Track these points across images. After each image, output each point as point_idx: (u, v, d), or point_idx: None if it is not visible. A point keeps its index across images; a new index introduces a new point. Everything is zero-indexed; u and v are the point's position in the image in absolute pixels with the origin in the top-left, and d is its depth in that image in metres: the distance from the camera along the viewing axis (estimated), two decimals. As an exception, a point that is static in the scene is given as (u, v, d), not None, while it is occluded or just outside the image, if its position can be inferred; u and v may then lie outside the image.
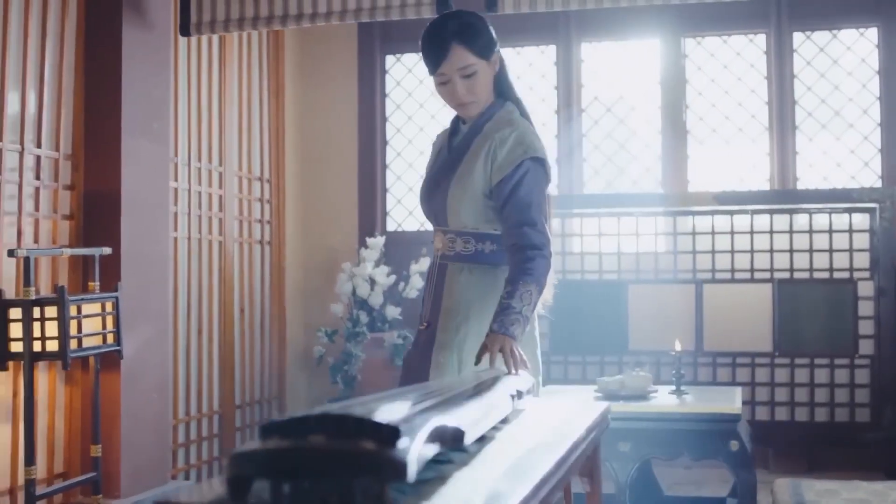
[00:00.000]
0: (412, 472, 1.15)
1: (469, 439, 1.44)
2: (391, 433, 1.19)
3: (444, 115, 6.65)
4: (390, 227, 6.67)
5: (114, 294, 4.08)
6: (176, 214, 5.21)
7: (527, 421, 1.96)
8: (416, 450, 1.20)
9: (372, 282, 6.00)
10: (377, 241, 6.11)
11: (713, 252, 5.75)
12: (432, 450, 1.30)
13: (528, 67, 6.56)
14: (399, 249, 6.37)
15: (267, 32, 6.27)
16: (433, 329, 2.67)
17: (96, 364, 4.13)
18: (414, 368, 2.68)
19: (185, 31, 4.69)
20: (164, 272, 4.72)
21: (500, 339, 2.37)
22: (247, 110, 6.03)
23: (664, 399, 4.08)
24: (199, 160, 5.48)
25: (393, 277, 6.06)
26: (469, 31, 2.61)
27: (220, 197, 5.69)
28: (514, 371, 2.27)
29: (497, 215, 2.64)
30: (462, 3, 4.59)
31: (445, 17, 2.66)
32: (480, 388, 1.76)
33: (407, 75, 6.70)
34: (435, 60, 2.61)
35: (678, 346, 4.33)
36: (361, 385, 5.84)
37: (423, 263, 6.06)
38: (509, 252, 2.58)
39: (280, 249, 6.37)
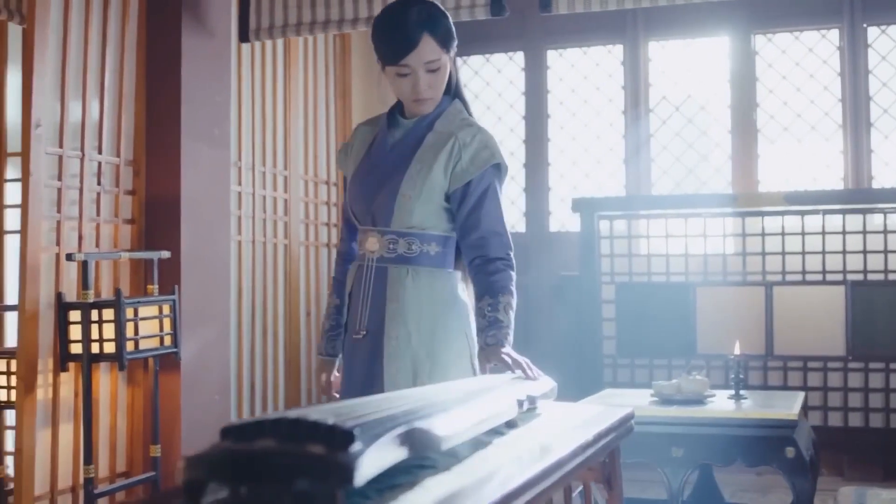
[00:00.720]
0: (361, 476, 1.14)
1: (446, 445, 1.42)
2: (344, 437, 1.18)
3: (511, 118, 6.63)
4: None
5: (171, 297, 4.15)
6: (240, 218, 5.28)
7: (535, 426, 1.93)
8: (371, 454, 1.19)
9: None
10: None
11: (783, 253, 5.61)
12: (398, 455, 1.29)
13: (595, 67, 6.49)
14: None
15: (333, 35, 6.32)
16: (376, 338, 2.48)
17: (155, 365, 4.21)
18: (359, 381, 2.50)
19: (244, 37, 4.76)
20: (225, 275, 4.78)
21: (498, 350, 2.32)
22: (312, 113, 6.08)
23: (720, 404, 3.99)
24: (264, 164, 5.54)
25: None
26: (438, 21, 2.41)
27: (286, 200, 5.75)
28: (531, 375, 2.23)
29: (449, 217, 2.50)
30: (515, 3, 4.59)
31: (409, 3, 2.39)
32: (475, 393, 1.74)
33: (474, 78, 6.69)
34: (399, 50, 2.37)
35: (737, 350, 4.24)
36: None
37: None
38: (476, 261, 2.47)
39: (347, 252, 6.40)
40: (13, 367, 3.93)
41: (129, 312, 3.90)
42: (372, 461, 1.19)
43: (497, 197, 2.49)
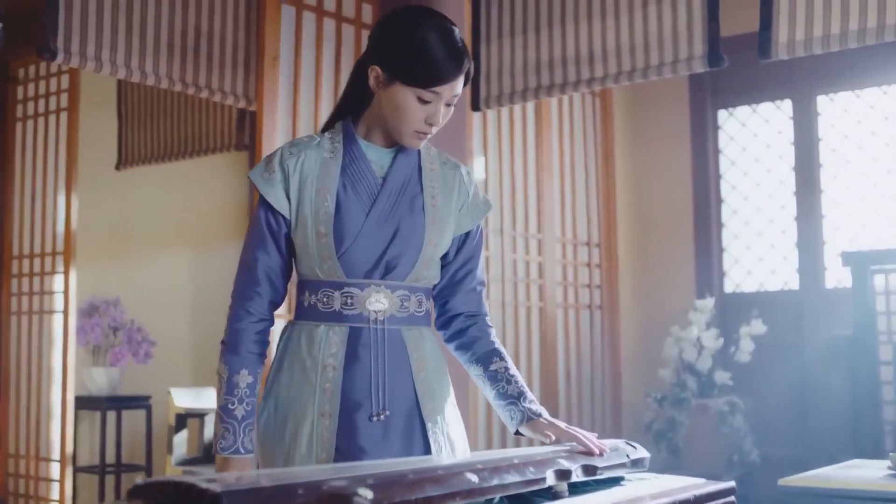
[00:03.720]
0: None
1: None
2: (213, 501, 1.21)
3: (781, 169, 6.30)
4: (727, 287, 6.40)
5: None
6: (488, 282, 5.39)
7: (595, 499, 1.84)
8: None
9: (700, 345, 5.79)
10: (706, 304, 5.89)
11: None
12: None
13: (870, 110, 6.06)
14: (732, 311, 6.10)
15: (592, 96, 6.34)
16: (407, 419, 2.10)
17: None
18: None
19: (475, 105, 4.90)
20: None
21: (545, 422, 2.08)
22: (569, 175, 6.11)
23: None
24: (514, 228, 5.63)
25: (721, 341, 5.80)
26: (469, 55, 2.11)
27: (539, 263, 5.80)
28: (590, 446, 1.96)
29: (437, 267, 2.19)
30: (734, 52, 4.39)
31: (454, 29, 2.06)
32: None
33: (741, 130, 6.44)
34: (440, 76, 2.01)
35: None
36: (684, 453, 5.62)
37: (755, 326, 5.75)
38: (463, 316, 2.22)
39: (614, 314, 6.33)
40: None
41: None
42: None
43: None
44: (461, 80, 2.05)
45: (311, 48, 4.47)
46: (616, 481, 2.05)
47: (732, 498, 2.02)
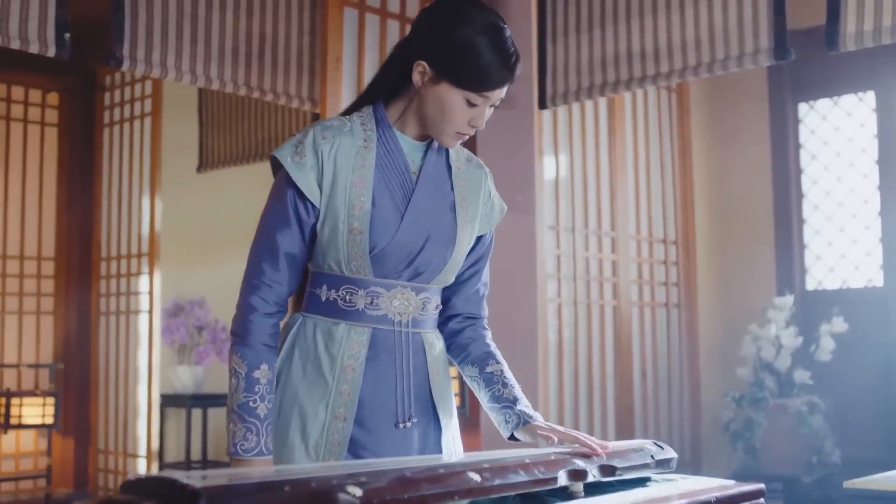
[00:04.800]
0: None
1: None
2: (191, 497, 1.25)
3: (864, 162, 6.14)
4: (809, 285, 6.25)
5: (459, 359, 4.32)
6: (559, 280, 5.37)
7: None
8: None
9: (778, 344, 5.67)
10: (785, 301, 5.77)
11: None
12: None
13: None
14: (814, 309, 5.97)
15: (668, 91, 6.27)
16: (423, 427, 2.06)
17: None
18: None
19: (542, 104, 4.89)
20: (531, 338, 4.86)
21: (542, 425, 2.00)
22: (644, 172, 6.05)
23: None
24: (586, 226, 5.60)
25: (800, 339, 5.67)
26: None
27: (613, 261, 5.76)
28: (596, 449, 1.89)
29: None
30: (813, 44, 4.30)
31: (506, 28, 1.97)
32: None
33: (822, 123, 6.28)
34: (494, 81, 1.93)
35: None
36: (762, 454, 5.51)
37: (836, 324, 5.62)
38: (461, 317, 2.15)
39: (692, 312, 6.25)
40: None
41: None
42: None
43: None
44: (507, 85, 1.97)
45: (374, 50, 4.52)
46: (642, 482, 2.03)
47: (762, 500, 1.98)
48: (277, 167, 2.01)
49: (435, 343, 2.09)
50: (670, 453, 2.13)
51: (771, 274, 6.25)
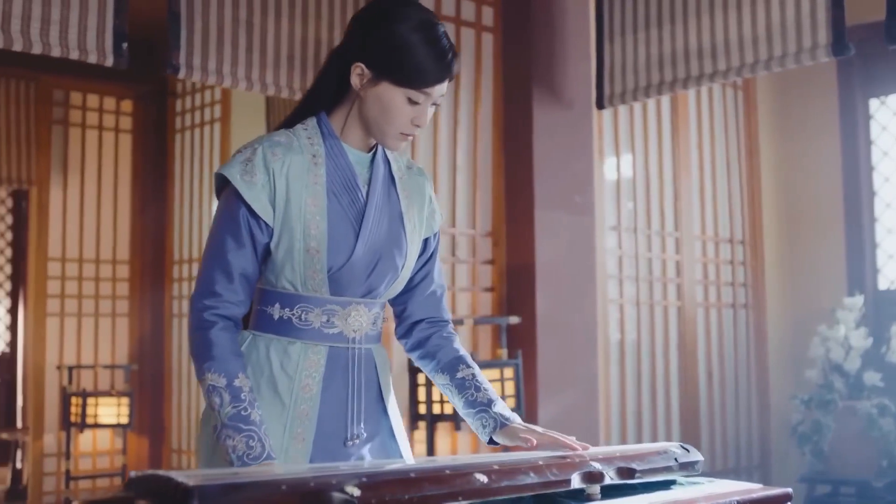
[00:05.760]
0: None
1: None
2: (183, 495, 1.29)
3: (939, 158, 5.98)
4: (881, 285, 6.11)
5: (514, 361, 4.34)
6: (621, 281, 5.34)
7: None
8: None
9: (847, 345, 5.56)
10: (855, 301, 5.65)
11: None
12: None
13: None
14: (886, 309, 5.83)
15: (734, 88, 6.18)
16: (374, 444, 2.05)
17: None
18: None
19: (600, 104, 4.87)
20: (590, 338, 4.84)
21: (521, 427, 1.99)
22: (709, 171, 5.98)
23: None
24: (649, 226, 5.55)
25: (870, 340, 5.55)
26: None
27: (677, 262, 5.70)
28: (577, 448, 1.89)
29: None
30: (869, 39, 4.22)
31: (440, 24, 1.97)
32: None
33: (894, 119, 6.14)
34: (433, 77, 1.92)
35: None
36: (830, 458, 5.41)
37: (908, 324, 5.49)
38: (425, 323, 2.14)
39: (760, 312, 6.16)
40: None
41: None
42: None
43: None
44: (446, 81, 1.96)
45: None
46: (666, 485, 2.02)
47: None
48: (224, 184, 1.98)
49: (384, 357, 2.10)
50: (696, 456, 2.11)
51: (841, 273, 6.12)
